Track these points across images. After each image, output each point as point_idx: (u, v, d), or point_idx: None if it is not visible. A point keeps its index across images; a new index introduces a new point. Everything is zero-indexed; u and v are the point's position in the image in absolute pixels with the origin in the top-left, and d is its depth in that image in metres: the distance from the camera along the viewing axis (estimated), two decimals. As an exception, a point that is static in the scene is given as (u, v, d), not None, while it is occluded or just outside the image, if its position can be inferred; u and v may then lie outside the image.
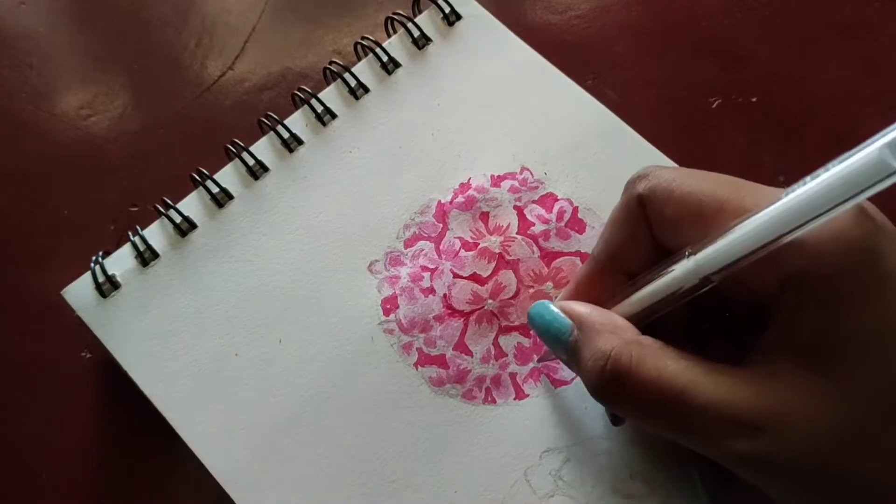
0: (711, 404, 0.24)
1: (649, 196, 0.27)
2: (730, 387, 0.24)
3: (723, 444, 0.24)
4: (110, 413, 0.35)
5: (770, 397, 0.24)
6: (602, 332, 0.26)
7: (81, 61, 0.43)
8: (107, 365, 0.34)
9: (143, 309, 0.35)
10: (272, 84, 0.42)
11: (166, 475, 0.34)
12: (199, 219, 0.37)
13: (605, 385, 0.26)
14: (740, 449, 0.24)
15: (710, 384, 0.24)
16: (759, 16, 0.42)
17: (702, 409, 0.24)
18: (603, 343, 0.26)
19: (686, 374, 0.25)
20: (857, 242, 0.23)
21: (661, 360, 0.25)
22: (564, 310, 0.28)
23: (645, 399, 0.25)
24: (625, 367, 0.25)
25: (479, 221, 0.36)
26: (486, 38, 0.40)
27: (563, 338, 0.28)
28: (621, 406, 0.27)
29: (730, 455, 0.24)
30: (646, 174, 0.28)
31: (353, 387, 0.34)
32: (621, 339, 0.26)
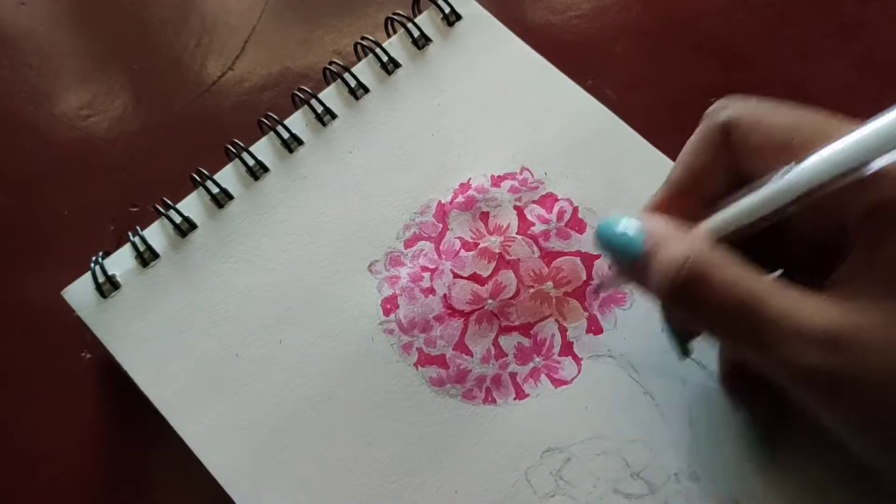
0: (789, 315, 0.24)
1: (735, 123, 0.27)
2: (809, 302, 0.24)
3: (796, 357, 0.23)
4: (110, 413, 0.35)
5: (849, 318, 0.23)
6: (681, 238, 0.26)
7: (81, 61, 0.43)
8: (107, 365, 0.34)
9: (143, 309, 0.35)
10: (272, 84, 0.42)
11: (166, 475, 0.34)
12: (199, 219, 0.37)
13: (681, 286, 0.25)
14: (814, 363, 0.23)
15: (788, 297, 0.24)
16: (759, 16, 0.42)
17: (778, 319, 0.24)
18: (682, 246, 0.25)
19: (766, 284, 0.24)
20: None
21: (742, 267, 0.25)
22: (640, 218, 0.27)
23: (722, 304, 0.24)
24: (705, 269, 0.24)
25: (479, 221, 0.36)
26: (486, 38, 0.40)
27: (635, 244, 0.26)
28: (696, 310, 0.25)
29: (802, 370, 0.24)
30: (726, 104, 0.28)
31: (353, 387, 0.34)
32: (698, 244, 0.25)
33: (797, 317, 0.24)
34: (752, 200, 0.26)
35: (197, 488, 0.33)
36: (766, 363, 0.25)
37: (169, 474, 0.34)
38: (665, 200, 0.30)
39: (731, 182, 0.28)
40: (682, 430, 0.32)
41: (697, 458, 0.32)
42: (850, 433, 0.25)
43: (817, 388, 0.24)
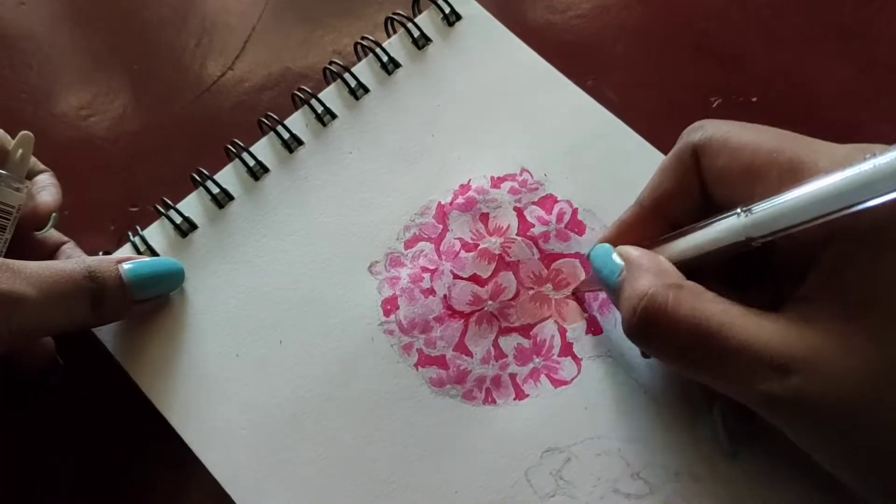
0: (746, 344, 0.24)
1: (704, 146, 0.28)
2: (765, 329, 0.24)
3: (754, 384, 0.24)
4: (110, 413, 0.35)
5: (805, 340, 0.24)
6: (646, 274, 0.27)
7: (81, 61, 0.43)
8: (107, 365, 0.34)
9: (144, 309, 0.35)
10: (272, 84, 0.42)
11: (166, 475, 0.34)
12: (200, 219, 0.37)
13: (637, 323, 0.26)
14: (771, 389, 0.24)
15: (745, 325, 0.25)
16: (759, 16, 0.42)
17: (736, 350, 0.24)
18: (643, 283, 0.26)
19: (722, 315, 0.25)
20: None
21: (698, 301, 0.25)
22: (619, 252, 0.29)
23: (678, 338, 0.25)
24: (660, 307, 0.25)
25: (479, 222, 0.36)
26: (486, 38, 0.40)
27: (612, 279, 0.28)
28: (653, 345, 0.27)
29: (760, 396, 0.24)
30: (702, 125, 0.28)
31: (353, 387, 0.34)
32: (662, 281, 0.26)
33: (755, 345, 0.24)
34: (694, 240, 0.27)
35: (197, 488, 0.33)
36: (728, 392, 0.26)
37: (169, 474, 0.34)
38: (631, 221, 0.31)
39: (700, 205, 0.29)
40: (682, 430, 0.32)
41: (697, 458, 0.32)
42: (814, 452, 0.26)
43: (778, 412, 0.25)
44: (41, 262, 0.31)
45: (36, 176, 0.35)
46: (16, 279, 0.29)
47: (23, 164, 0.33)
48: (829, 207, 0.23)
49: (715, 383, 0.26)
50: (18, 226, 0.33)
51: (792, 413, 0.24)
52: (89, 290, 0.31)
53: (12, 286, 0.29)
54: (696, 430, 0.32)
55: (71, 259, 0.32)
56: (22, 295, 0.29)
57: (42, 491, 0.34)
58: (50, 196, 0.34)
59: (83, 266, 0.31)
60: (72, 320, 0.32)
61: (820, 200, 0.23)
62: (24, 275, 0.29)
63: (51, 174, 0.35)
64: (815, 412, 0.24)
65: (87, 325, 0.34)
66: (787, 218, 0.24)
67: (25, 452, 0.34)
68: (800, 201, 0.24)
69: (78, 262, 0.31)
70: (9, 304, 0.28)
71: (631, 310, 0.26)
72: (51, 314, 0.30)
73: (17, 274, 0.29)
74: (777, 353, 0.24)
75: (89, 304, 0.31)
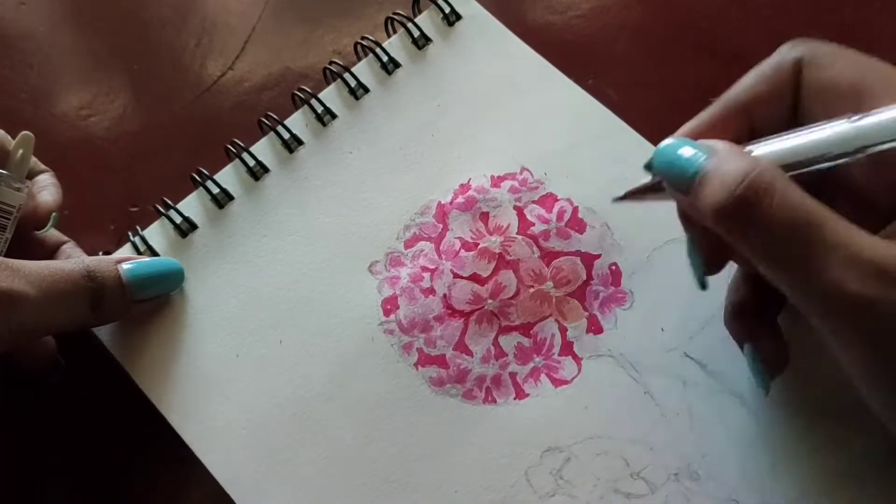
0: (847, 243, 0.23)
1: (810, 58, 0.27)
2: (865, 237, 0.24)
3: (848, 285, 0.23)
4: (110, 413, 0.35)
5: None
6: (743, 157, 0.25)
7: (81, 61, 0.43)
8: (107, 365, 0.34)
9: (144, 309, 0.35)
10: (272, 84, 0.42)
11: (166, 475, 0.34)
12: (200, 219, 0.37)
13: (743, 195, 0.24)
14: (863, 291, 0.23)
15: (848, 227, 0.24)
16: (759, 15, 0.42)
17: (835, 245, 0.23)
18: (742, 165, 0.24)
19: (825, 211, 0.24)
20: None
21: (802, 192, 0.24)
22: (703, 143, 0.26)
23: (781, 221, 0.24)
24: (769, 185, 0.24)
25: (479, 222, 0.36)
26: (486, 38, 0.40)
27: (696, 162, 0.26)
28: (753, 224, 0.25)
29: (848, 298, 0.23)
30: (804, 41, 0.27)
31: (353, 387, 0.34)
32: (764, 164, 0.25)
33: (853, 246, 0.23)
34: (795, 144, 0.25)
35: (197, 488, 0.33)
36: (811, 291, 0.24)
37: (169, 474, 0.34)
38: (713, 117, 0.29)
39: (786, 119, 0.27)
40: (682, 430, 0.32)
41: (697, 458, 0.32)
42: (867, 371, 0.25)
43: (856, 317, 0.24)
44: (40, 261, 0.31)
45: (36, 176, 0.35)
46: (15, 278, 0.29)
47: (23, 164, 0.33)
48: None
49: (801, 280, 0.24)
50: (19, 225, 0.33)
51: (872, 320, 0.23)
52: (88, 290, 0.31)
53: (11, 285, 0.29)
54: (696, 430, 0.32)
55: (70, 259, 0.32)
56: (21, 294, 0.29)
57: (42, 491, 0.34)
58: (50, 196, 0.34)
59: (82, 266, 0.31)
60: (71, 320, 0.32)
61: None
62: (23, 274, 0.29)
63: (51, 174, 0.35)
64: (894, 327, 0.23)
65: (86, 324, 0.34)
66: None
67: (25, 452, 0.34)
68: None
69: (77, 262, 0.32)
70: (8, 303, 0.28)
71: (732, 184, 0.24)
72: (50, 313, 0.30)
73: (17, 273, 0.29)
74: (879, 255, 0.23)
75: (88, 304, 0.31)
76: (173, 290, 0.35)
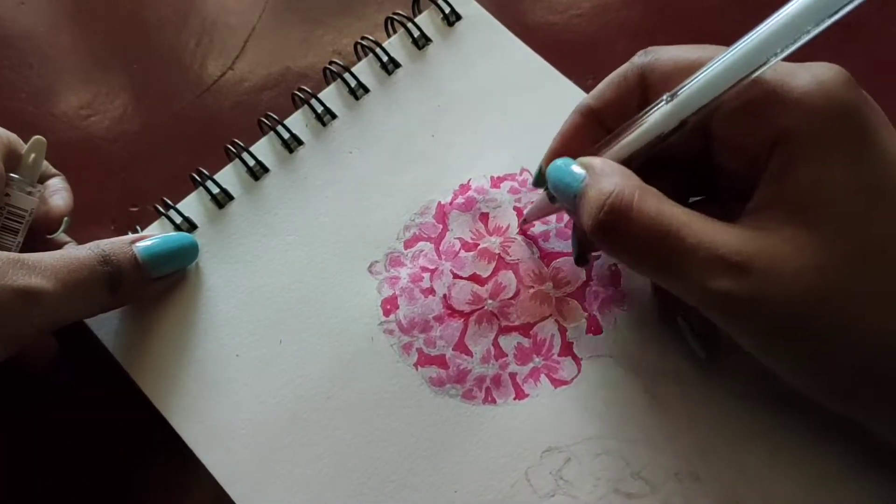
0: (703, 244, 0.25)
1: (651, 65, 0.29)
2: (722, 231, 0.26)
3: (710, 283, 0.25)
4: (110, 412, 0.35)
5: (758, 242, 0.25)
6: (611, 176, 0.27)
7: (81, 61, 0.43)
8: (107, 365, 0.34)
9: (143, 309, 0.35)
10: (272, 84, 0.42)
11: (166, 475, 0.34)
12: (199, 219, 0.37)
13: (604, 220, 0.26)
14: (726, 288, 0.25)
15: (703, 227, 0.26)
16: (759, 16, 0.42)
17: (693, 249, 0.25)
18: (609, 182, 0.27)
19: (682, 217, 0.26)
20: (846, 103, 0.25)
21: (661, 201, 0.26)
22: (580, 163, 0.29)
23: (641, 236, 0.26)
24: (627, 203, 0.26)
25: (479, 222, 0.36)
26: (486, 38, 0.40)
27: (575, 186, 0.28)
28: (618, 243, 0.27)
29: (715, 295, 0.25)
30: (652, 49, 0.30)
31: (353, 387, 0.34)
32: (628, 181, 0.27)
33: (710, 245, 0.25)
34: (634, 136, 0.28)
35: (197, 488, 0.33)
36: (684, 292, 0.27)
37: (169, 474, 0.34)
38: (574, 128, 0.31)
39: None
40: (681, 430, 0.32)
41: (697, 458, 0.32)
42: (763, 354, 0.27)
43: (729, 311, 0.26)
44: (53, 252, 0.31)
45: (48, 180, 0.35)
46: (31, 274, 0.29)
47: (35, 168, 0.33)
48: (738, 71, 0.25)
49: (672, 284, 0.27)
50: (30, 229, 0.33)
51: (746, 313, 0.25)
52: (106, 275, 0.32)
53: (29, 281, 0.29)
54: (696, 430, 0.32)
55: (84, 245, 0.32)
56: (40, 289, 0.29)
57: (42, 491, 0.34)
58: (62, 200, 0.34)
59: (97, 251, 0.32)
60: (92, 306, 0.33)
61: (729, 66, 0.26)
62: (39, 268, 0.30)
63: (62, 178, 0.36)
64: (769, 311, 0.25)
65: (107, 308, 0.34)
66: (708, 89, 0.26)
67: (26, 452, 0.35)
68: (714, 71, 0.26)
69: (92, 248, 0.32)
70: (29, 300, 0.29)
71: (598, 207, 0.27)
72: (71, 303, 0.31)
73: (33, 269, 0.29)
74: (733, 251, 0.25)
75: (107, 289, 0.32)
76: (189, 264, 0.36)
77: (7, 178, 0.32)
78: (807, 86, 0.25)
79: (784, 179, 0.26)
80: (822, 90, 0.25)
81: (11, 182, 0.32)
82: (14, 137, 0.33)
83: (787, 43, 0.25)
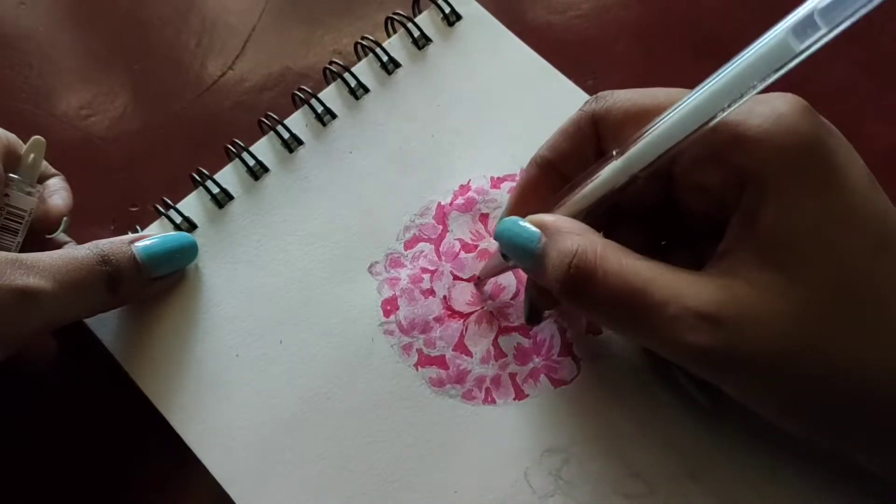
0: (672, 298, 0.25)
1: (605, 113, 0.28)
2: (690, 282, 0.25)
3: (683, 338, 0.24)
4: (110, 413, 0.35)
5: (730, 291, 0.24)
6: (569, 234, 0.27)
7: (81, 61, 0.43)
8: (107, 365, 0.34)
9: (143, 309, 0.35)
10: (272, 84, 0.42)
11: (166, 475, 0.34)
12: (199, 219, 0.37)
13: (571, 281, 0.26)
14: (700, 342, 0.24)
15: (671, 279, 0.25)
16: (760, 16, 0.42)
17: (663, 303, 0.25)
18: (570, 242, 0.26)
19: (648, 271, 0.25)
20: (808, 136, 0.24)
21: (624, 256, 0.26)
22: (532, 221, 0.28)
23: (608, 294, 0.25)
24: (591, 262, 0.26)
25: (479, 223, 0.36)
26: (486, 38, 0.40)
27: (531, 246, 0.28)
28: (585, 302, 0.27)
29: (690, 350, 0.25)
30: (603, 95, 0.29)
31: (353, 387, 0.34)
32: (588, 238, 0.26)
33: (680, 299, 0.24)
34: (586, 191, 0.28)
35: (197, 488, 0.33)
36: (659, 348, 0.26)
37: (169, 474, 0.34)
38: (531, 181, 0.31)
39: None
40: (681, 430, 0.32)
41: (696, 458, 0.32)
42: (745, 400, 0.26)
43: (707, 365, 0.25)
44: (52, 252, 0.31)
45: (47, 180, 0.35)
46: (30, 274, 0.29)
47: (35, 168, 0.33)
48: (685, 127, 0.25)
49: (647, 341, 0.26)
50: (30, 229, 0.33)
51: (723, 364, 0.25)
52: (104, 275, 0.32)
53: (28, 282, 0.29)
54: (695, 430, 0.32)
55: (83, 245, 0.32)
56: (39, 289, 0.29)
57: (41, 492, 0.34)
58: (61, 200, 0.34)
59: (97, 251, 0.32)
60: (91, 306, 0.33)
61: (676, 122, 0.25)
62: (38, 268, 0.30)
63: (61, 178, 0.35)
64: (746, 361, 0.24)
65: (106, 308, 0.34)
66: (657, 143, 0.26)
67: (25, 452, 0.35)
68: (662, 126, 0.25)
69: (91, 248, 0.32)
70: (27, 300, 0.29)
71: (564, 269, 0.26)
72: (70, 303, 0.31)
73: (31, 269, 0.29)
74: (703, 302, 0.24)
75: (106, 288, 0.32)
76: (188, 264, 0.36)
77: (6, 179, 0.32)
78: (765, 123, 0.25)
79: (752, 221, 0.25)
80: (782, 126, 0.24)
81: (11, 182, 0.33)
82: (13, 138, 0.33)
83: (734, 98, 0.24)
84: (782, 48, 0.23)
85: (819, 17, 0.22)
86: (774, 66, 0.23)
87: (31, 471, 0.34)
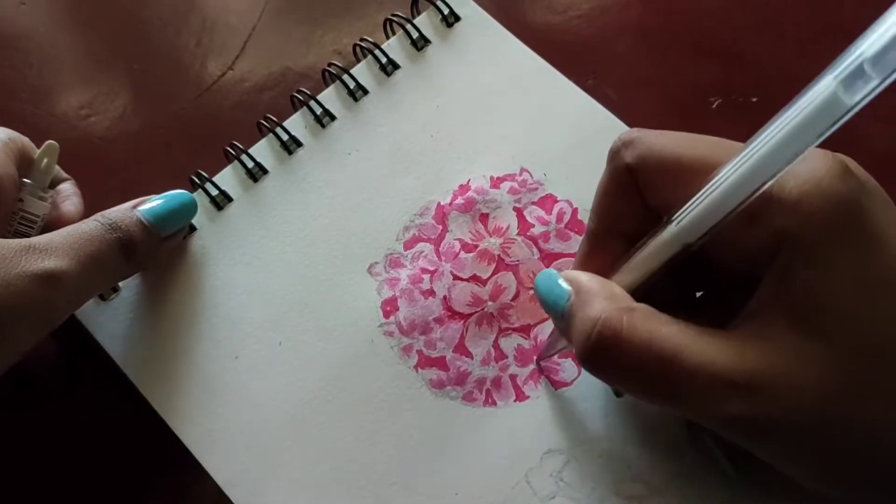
0: (703, 366, 0.24)
1: (639, 164, 0.27)
2: (721, 348, 0.24)
3: (716, 407, 0.24)
4: (109, 415, 0.35)
5: (763, 357, 0.24)
6: (596, 298, 0.26)
7: (81, 61, 0.43)
8: (106, 367, 0.34)
9: (142, 311, 0.35)
10: (272, 84, 0.42)
11: (166, 478, 0.34)
12: (198, 221, 0.37)
13: (591, 350, 0.25)
14: (735, 411, 0.23)
15: (701, 346, 0.24)
16: (759, 16, 0.42)
17: (693, 372, 0.24)
18: (594, 308, 0.25)
19: (677, 338, 0.24)
20: (845, 200, 0.23)
21: (652, 324, 0.25)
22: (566, 277, 0.28)
23: (635, 364, 0.25)
24: (614, 332, 0.25)
25: (479, 223, 0.36)
26: (485, 39, 0.40)
27: (561, 304, 0.27)
28: (609, 372, 0.26)
29: (724, 418, 0.24)
30: (630, 140, 0.28)
31: (353, 389, 0.34)
32: (614, 305, 0.25)
33: (713, 366, 0.24)
34: (637, 261, 0.27)
35: (196, 491, 0.33)
36: (689, 416, 0.25)
37: (169, 477, 0.34)
38: (587, 250, 0.30)
39: (648, 216, 0.28)
40: (681, 432, 0.32)
41: (697, 458, 0.32)
42: (782, 468, 0.25)
43: (740, 432, 0.24)
44: (60, 231, 0.31)
45: (59, 185, 0.35)
46: (45, 257, 0.29)
47: (48, 173, 0.33)
48: (742, 191, 0.23)
49: (678, 409, 0.25)
50: None
51: (762, 433, 0.24)
52: (118, 242, 0.31)
53: (45, 265, 0.29)
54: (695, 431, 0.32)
55: (87, 219, 0.32)
56: (58, 270, 0.29)
57: (41, 493, 0.34)
58: (73, 206, 0.34)
59: (104, 221, 0.32)
60: (111, 276, 0.33)
61: (732, 187, 0.24)
62: (52, 250, 0.29)
63: (72, 183, 0.35)
64: (786, 429, 0.23)
65: (125, 275, 0.34)
66: (711, 214, 0.24)
67: (25, 453, 0.35)
68: (716, 194, 0.24)
69: (97, 219, 0.32)
70: (49, 284, 0.29)
71: (585, 336, 0.25)
72: (90, 277, 0.31)
73: (45, 251, 0.29)
74: (737, 372, 0.23)
75: (122, 255, 0.32)
76: (191, 218, 0.36)
77: (20, 183, 0.32)
78: (804, 185, 0.24)
79: (785, 282, 0.24)
80: (819, 188, 0.23)
81: (24, 187, 0.32)
82: (27, 141, 0.33)
83: (788, 160, 0.22)
84: (833, 104, 0.21)
85: (869, 67, 0.20)
86: (827, 122, 0.21)
87: (29, 473, 0.34)
